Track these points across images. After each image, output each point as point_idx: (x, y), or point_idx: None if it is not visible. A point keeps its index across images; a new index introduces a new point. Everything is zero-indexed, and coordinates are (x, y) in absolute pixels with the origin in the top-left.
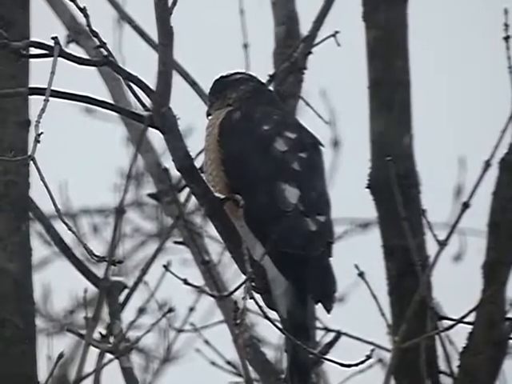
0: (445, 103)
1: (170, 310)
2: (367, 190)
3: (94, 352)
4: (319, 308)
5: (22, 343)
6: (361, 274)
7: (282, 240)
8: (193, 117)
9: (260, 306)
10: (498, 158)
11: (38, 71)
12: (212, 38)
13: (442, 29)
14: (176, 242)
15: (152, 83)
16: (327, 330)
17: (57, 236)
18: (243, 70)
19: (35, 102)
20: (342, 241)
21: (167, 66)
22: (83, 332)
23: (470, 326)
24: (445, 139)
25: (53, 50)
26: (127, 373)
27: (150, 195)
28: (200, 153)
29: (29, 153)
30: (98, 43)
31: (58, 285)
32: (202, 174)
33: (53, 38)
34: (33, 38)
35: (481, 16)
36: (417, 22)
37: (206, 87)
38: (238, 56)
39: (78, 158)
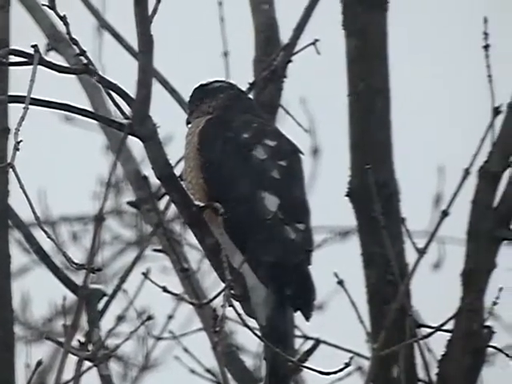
0: (424, 111)
1: (149, 318)
2: (347, 198)
3: (72, 360)
4: (298, 316)
5: (0, 351)
6: (340, 282)
7: (262, 248)
8: (172, 125)
9: (239, 314)
10: (478, 166)
11: (18, 79)
12: (192, 45)
13: (421, 36)
14: (155, 250)
15: (132, 91)
16: (306, 337)
17: (36, 244)
18: (223, 78)
19: (15, 109)
20: (322, 249)
21: (147, 74)
22: (62, 340)
23: (449, 334)
24: (424, 147)
25: (32, 58)
26: (106, 380)
27: (130, 203)
28: (179, 161)
29: (8, 160)
30: (77, 51)
31: (36, 292)
32: (182, 182)
33: (32, 46)
34: (12, 46)
35: (461, 25)
36: (397, 30)
37: (186, 95)
38: (217, 64)
39: (58, 165)
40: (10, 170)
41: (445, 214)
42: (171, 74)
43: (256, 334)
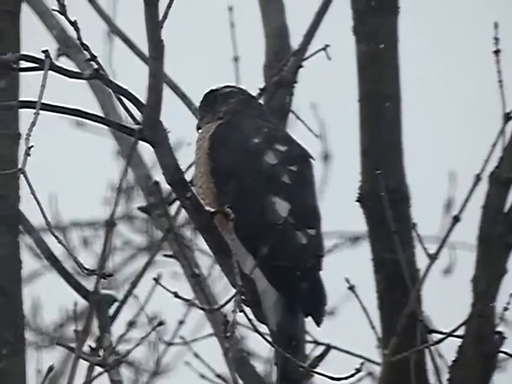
0: (435, 117)
1: (160, 324)
2: (357, 203)
3: (83, 365)
4: (309, 321)
5: (11, 356)
6: (351, 288)
7: (273, 253)
8: (183, 130)
9: (250, 320)
10: (488, 171)
11: (29, 84)
12: (202, 51)
13: (432, 42)
14: (166, 256)
15: (142, 97)
16: (317, 343)
17: (47, 249)
18: (233, 84)
19: (26, 115)
20: (332, 254)
21: (158, 79)
22: (73, 345)
23: (460, 340)
24: (435, 153)
25: (43, 64)
26: None
27: (141, 208)
28: (190, 166)
29: (19, 166)
30: (88, 56)
31: (47, 298)
32: (193, 188)
33: (43, 52)
34: (23, 52)
35: (472, 30)
36: (408, 35)
37: (197, 100)
38: (228, 69)
39: (69, 171)
40: (21, 175)
41: (456, 219)
42: (182, 79)
43: (267, 340)
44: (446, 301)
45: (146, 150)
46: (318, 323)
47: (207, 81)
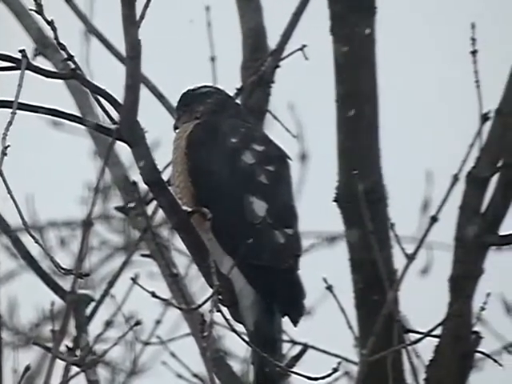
0: (413, 117)
1: (137, 323)
2: (334, 203)
3: (60, 365)
4: (286, 321)
5: None
6: (329, 288)
7: (251, 252)
8: (160, 130)
9: (227, 319)
10: (466, 172)
11: (5, 84)
12: (179, 50)
13: (409, 42)
14: (143, 255)
15: (120, 96)
16: (294, 342)
17: (23, 249)
18: (211, 83)
19: (2, 114)
20: (310, 254)
21: (135, 79)
22: (50, 345)
23: (437, 339)
24: (412, 153)
25: (20, 63)
26: None
27: (118, 208)
28: (167, 166)
29: None
30: (65, 56)
31: (24, 298)
32: (170, 187)
33: (20, 51)
34: (0, 51)
35: (448, 30)
36: (385, 35)
37: (174, 100)
38: (205, 69)
39: (45, 170)
40: None
41: (434, 219)
42: (159, 79)
43: (244, 339)
44: (423, 301)
45: (123, 149)
46: (295, 323)
47: (184, 81)
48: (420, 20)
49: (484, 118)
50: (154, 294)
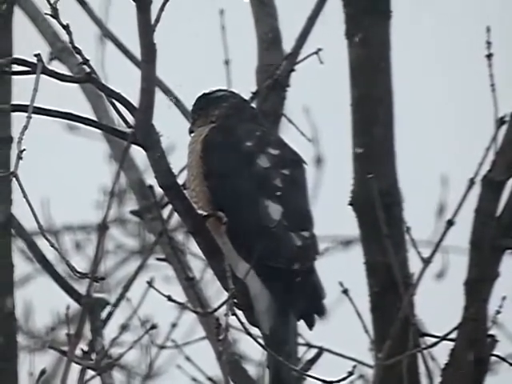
0: (428, 121)
1: (153, 327)
2: (350, 207)
3: (75, 369)
4: (302, 324)
5: (3, 360)
6: (345, 291)
7: (268, 255)
8: (175, 134)
9: (242, 323)
10: (481, 175)
11: (21, 88)
12: (194, 54)
13: (425, 46)
14: (158, 259)
15: (135, 100)
16: (309, 346)
17: (39, 253)
18: (226, 87)
19: (18, 118)
20: (325, 258)
21: (150, 83)
22: (65, 349)
23: (452, 343)
24: (427, 156)
25: (35, 67)
26: None
27: (133, 212)
28: (183, 169)
29: (11, 169)
30: (80, 60)
31: (39, 302)
32: (185, 191)
33: (35, 55)
34: (15, 55)
35: (464, 33)
36: (401, 39)
37: (189, 104)
38: (220, 73)
39: (61, 174)
40: (13, 178)
41: (450, 223)
42: (174, 82)
43: (259, 343)
44: (438, 304)
45: (138, 153)
46: (311, 326)
47: (199, 84)
48: (435, 23)
49: (500, 121)
50: (169, 298)
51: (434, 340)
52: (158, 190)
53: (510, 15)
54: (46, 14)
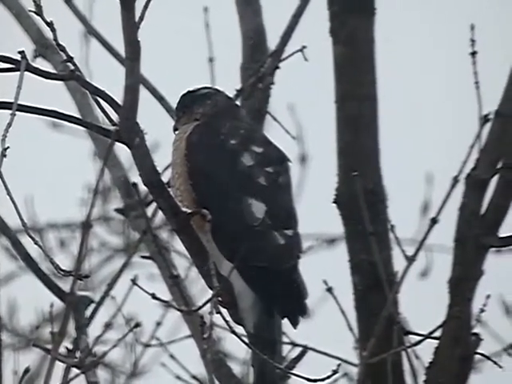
0: (412, 118)
1: (137, 325)
2: (334, 205)
3: (60, 367)
4: (286, 322)
5: None
6: (329, 289)
7: (251, 254)
8: (160, 131)
9: (227, 321)
10: (465, 173)
11: (5, 85)
12: (178, 52)
13: (409, 43)
14: (143, 257)
15: (119, 98)
16: (294, 344)
17: (23, 250)
18: (210, 85)
19: (2, 116)
20: (309, 256)
21: (134, 80)
22: (49, 347)
23: (437, 341)
24: (412, 154)
25: (19, 64)
26: None
27: (117, 210)
28: (167, 167)
29: None
30: (64, 57)
31: (23, 299)
32: (170, 189)
33: (19, 53)
34: None
35: (447, 31)
36: (385, 36)
37: (173, 102)
38: (205, 70)
39: (45, 172)
40: None
41: (434, 221)
42: (158, 80)
43: (243, 341)
44: (422, 303)
45: (122, 151)
46: (295, 324)
47: (184, 82)
48: (419, 21)
49: (484, 119)
50: (154, 296)
51: (419, 338)
52: (143, 188)
53: (494, 12)
54: (29, 10)
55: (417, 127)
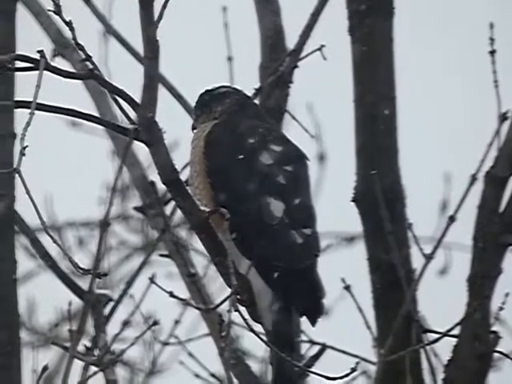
0: (431, 117)
1: (155, 323)
2: (353, 203)
3: (78, 365)
4: (305, 321)
5: (7, 356)
6: (347, 288)
7: (269, 253)
8: (178, 130)
9: (245, 319)
10: (484, 172)
11: (24, 84)
12: (197, 51)
13: (428, 42)
14: (161, 255)
15: (138, 96)
16: (312, 342)
17: (42, 249)
18: (229, 84)
19: (21, 115)
20: (328, 254)
21: (153, 79)
22: (68, 345)
23: (455, 339)
24: (430, 153)
25: (38, 64)
26: None
27: (136, 208)
28: (186, 166)
29: (14, 165)
30: (83, 56)
31: (42, 298)
32: (188, 188)
33: (38, 52)
34: (19, 52)
35: (468, 30)
36: (404, 36)
37: (192, 100)
38: (223, 69)
39: (64, 171)
40: (16, 175)
41: (452, 219)
42: (177, 79)
43: (262, 339)
44: (441, 301)
45: (141, 149)
46: (314, 323)
47: (202, 81)
48: (438, 20)
49: (502, 117)
50: (171, 294)
51: (437, 336)
52: (161, 187)
53: None
54: (49, 10)
55: (435, 126)
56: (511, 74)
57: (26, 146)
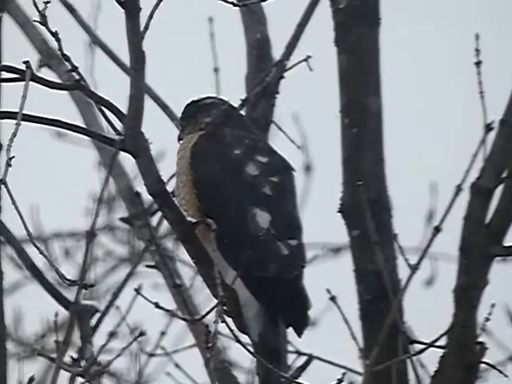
0: (417, 127)
1: (142, 334)
2: (339, 214)
3: (65, 376)
4: (291, 331)
5: None
6: (332, 298)
7: (255, 264)
8: (165, 141)
9: (232, 330)
10: (470, 182)
11: (10, 95)
12: (183, 61)
13: (413, 53)
14: (148, 266)
15: (124, 107)
16: (299, 353)
17: (28, 260)
18: (215, 95)
19: (7, 125)
20: (314, 265)
21: (139, 90)
22: (54, 356)
23: (442, 350)
24: (416, 163)
25: (24, 74)
26: None
27: (122, 219)
28: (172, 177)
29: (0, 176)
30: (69, 67)
31: (29, 309)
32: (174, 198)
33: (24, 62)
34: (4, 62)
35: (452, 41)
36: (389, 46)
37: (178, 111)
38: (209, 80)
39: (50, 182)
40: (2, 186)
41: (437, 230)
42: (163, 90)
43: (248, 350)
44: (427, 311)
45: (127, 160)
46: (300, 334)
47: (188, 91)
48: (424, 31)
49: (488, 128)
50: (157, 305)
51: (423, 347)
52: (148, 197)
53: (499, 22)
54: (34, 20)
55: (421, 136)
56: (498, 84)
57: (12, 157)
